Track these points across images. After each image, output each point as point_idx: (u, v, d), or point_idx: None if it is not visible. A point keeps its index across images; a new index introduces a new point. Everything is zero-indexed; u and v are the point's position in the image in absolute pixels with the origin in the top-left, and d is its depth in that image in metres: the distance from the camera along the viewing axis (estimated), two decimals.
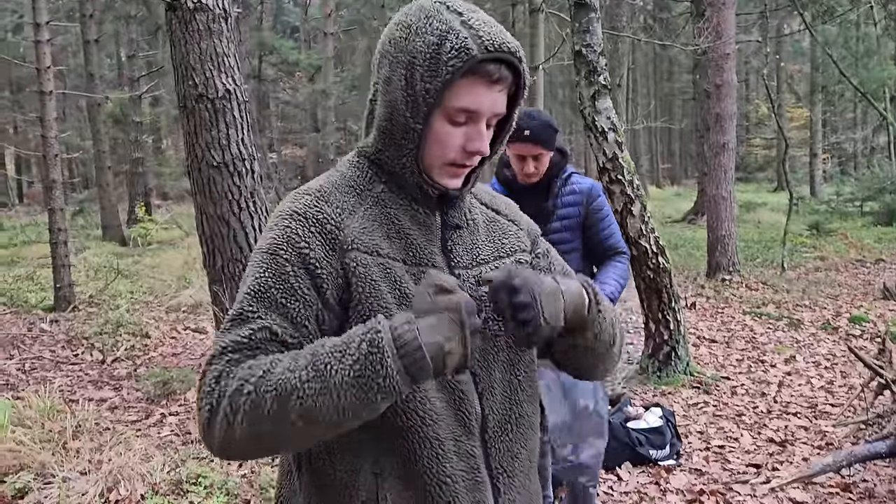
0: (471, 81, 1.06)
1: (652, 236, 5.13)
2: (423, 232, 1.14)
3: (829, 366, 5.67)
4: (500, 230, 1.25)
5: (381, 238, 1.10)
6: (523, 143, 2.68)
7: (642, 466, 3.85)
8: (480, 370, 1.13)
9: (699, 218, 15.66)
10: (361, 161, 1.17)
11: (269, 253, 1.06)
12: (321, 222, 1.08)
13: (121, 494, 3.45)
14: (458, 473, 1.08)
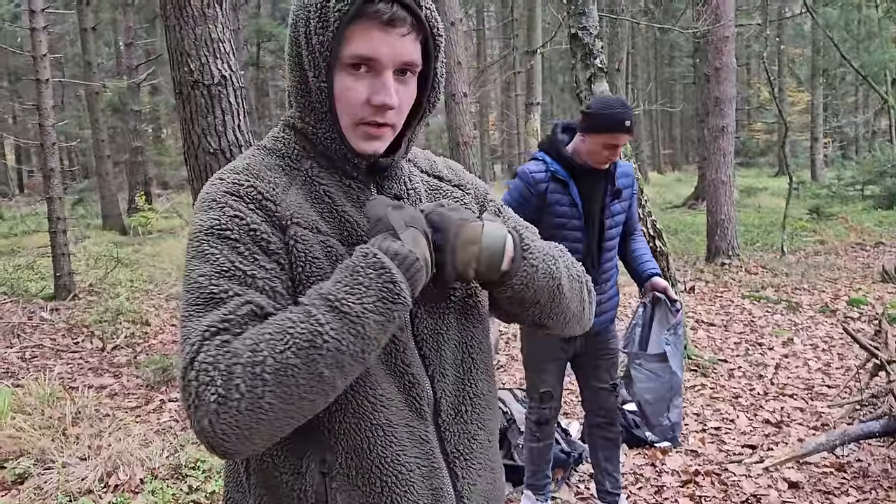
0: (363, 26, 0.99)
1: (649, 220, 5.12)
2: (358, 208, 1.06)
3: (826, 348, 5.69)
4: (445, 197, 1.18)
5: (317, 216, 1.04)
6: (623, 134, 2.69)
7: (638, 448, 3.87)
8: (430, 352, 1.08)
9: (699, 203, 15.63)
10: (287, 134, 1.10)
11: (216, 235, 0.98)
12: (257, 199, 1.01)
13: (120, 479, 3.48)
14: (413, 461, 1.03)
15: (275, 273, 0.99)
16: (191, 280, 0.97)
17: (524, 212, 2.60)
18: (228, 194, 1.01)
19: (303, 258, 1.00)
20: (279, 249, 1.00)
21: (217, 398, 0.86)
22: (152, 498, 3.28)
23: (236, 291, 0.95)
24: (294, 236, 1.01)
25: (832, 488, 3.34)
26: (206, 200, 1.02)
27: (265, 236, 0.99)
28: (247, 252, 0.98)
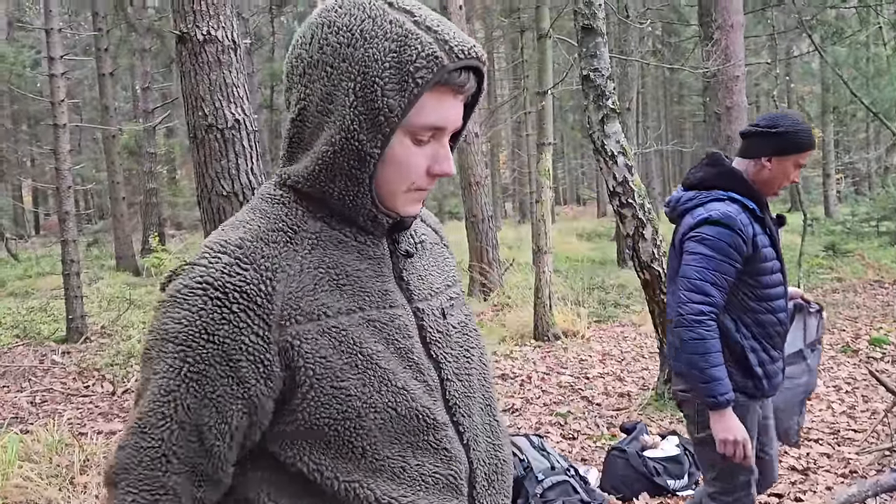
0: (438, 94, 0.91)
1: (665, 260, 5.06)
2: (373, 267, 0.97)
3: (850, 390, 5.54)
4: (441, 255, 1.12)
5: (327, 292, 0.91)
6: (810, 151, 2.39)
7: (660, 497, 3.75)
8: (463, 418, 1.00)
9: None
10: (287, 195, 0.96)
11: (179, 344, 0.86)
12: (246, 295, 0.86)
13: None
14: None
15: (229, 411, 0.88)
16: (145, 386, 0.91)
17: (729, 269, 2.27)
18: (209, 286, 0.86)
19: (310, 359, 0.88)
20: (257, 366, 0.87)
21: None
22: None
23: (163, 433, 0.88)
24: (296, 336, 0.88)
25: None
26: (179, 292, 0.88)
27: (238, 354, 0.86)
28: (207, 377, 0.87)
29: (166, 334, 0.88)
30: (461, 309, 1.08)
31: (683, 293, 2.30)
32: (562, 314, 8.21)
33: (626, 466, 3.84)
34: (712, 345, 2.26)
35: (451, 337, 1.03)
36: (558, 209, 32.55)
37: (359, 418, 0.91)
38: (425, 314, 1.00)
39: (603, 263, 14.06)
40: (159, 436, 0.88)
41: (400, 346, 0.95)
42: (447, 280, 1.09)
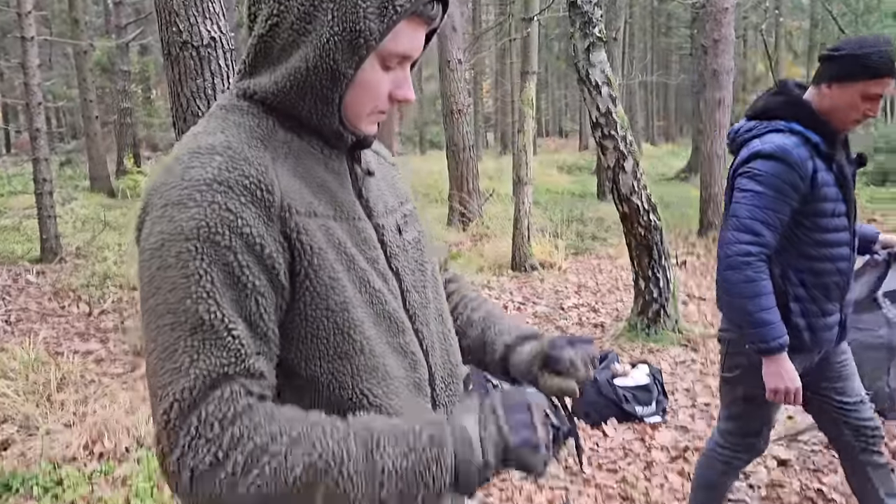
0: (413, 23, 0.95)
1: (644, 193, 5.07)
2: (339, 181, 1.00)
3: None
4: (390, 175, 1.16)
5: (310, 195, 0.94)
6: (890, 79, 2.08)
7: (628, 423, 3.87)
8: (422, 326, 1.05)
9: (692, 176, 15.60)
10: (254, 106, 0.97)
11: (201, 240, 0.83)
12: (249, 189, 0.87)
13: (105, 447, 3.45)
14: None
15: (262, 292, 0.87)
16: (170, 299, 0.83)
17: (783, 207, 2.09)
18: (216, 182, 0.85)
19: (308, 251, 0.90)
20: (274, 254, 0.87)
21: (212, 459, 0.80)
22: (137, 467, 3.25)
23: (234, 321, 0.84)
24: (297, 227, 0.90)
25: (821, 466, 3.34)
26: (182, 193, 0.85)
27: (260, 240, 0.87)
28: (236, 264, 0.85)
29: (180, 235, 0.84)
30: (414, 226, 1.13)
31: (731, 233, 2.14)
32: (540, 245, 8.26)
33: (597, 394, 3.94)
34: (762, 287, 2.10)
35: (408, 252, 1.07)
36: (540, 141, 32.32)
37: (354, 309, 0.93)
38: (385, 230, 1.04)
39: (583, 196, 14.09)
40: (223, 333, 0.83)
41: (368, 255, 0.99)
42: (399, 198, 1.13)
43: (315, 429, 0.84)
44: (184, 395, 0.81)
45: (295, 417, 0.85)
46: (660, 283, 5.23)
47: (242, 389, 0.83)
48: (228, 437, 0.81)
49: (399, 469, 0.84)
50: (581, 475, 3.37)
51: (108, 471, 3.26)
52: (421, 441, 0.85)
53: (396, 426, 0.87)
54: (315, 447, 0.82)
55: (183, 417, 0.81)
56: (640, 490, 3.21)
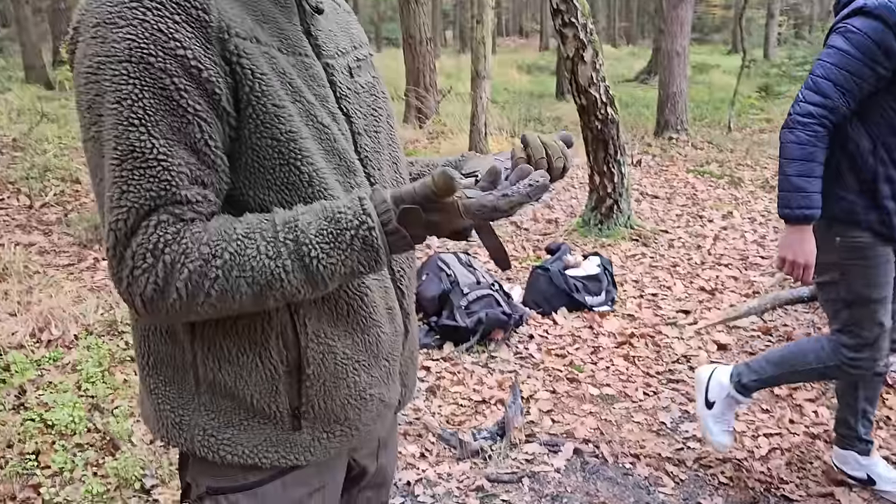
0: None
1: (602, 85, 5.01)
2: (286, 15, 0.94)
3: (763, 221, 5.84)
4: (344, 19, 1.11)
5: (253, 22, 0.89)
6: None
7: (578, 312, 3.96)
8: (374, 171, 1.02)
9: (652, 77, 15.49)
10: None
11: (133, 62, 0.78)
12: (182, 7, 0.81)
13: (52, 335, 3.39)
14: (373, 283, 1.00)
15: (204, 117, 0.82)
16: (104, 126, 0.80)
17: (866, 72, 1.91)
18: (145, 1, 0.79)
19: (250, 76, 0.85)
20: (214, 76, 0.82)
21: (154, 288, 0.81)
22: (87, 353, 3.22)
23: (167, 149, 0.80)
24: (237, 51, 0.84)
25: (757, 349, 3.50)
26: (112, 10, 0.79)
27: (197, 62, 0.81)
28: (173, 88, 0.80)
29: (114, 58, 0.79)
30: (369, 71, 1.09)
31: (801, 91, 2.01)
32: (497, 143, 8.19)
33: (548, 283, 4.01)
34: (810, 152, 1.96)
35: (360, 95, 1.04)
36: (500, 40, 31.51)
37: (302, 140, 0.89)
38: (335, 70, 1.00)
39: (541, 96, 13.90)
40: (154, 162, 0.80)
41: (316, 92, 0.95)
42: (353, 42, 1.08)
43: (248, 246, 0.82)
44: (118, 225, 0.80)
45: (225, 233, 0.82)
46: (614, 179, 5.25)
47: (171, 217, 0.81)
48: (161, 265, 0.80)
49: (337, 273, 0.85)
50: (529, 358, 3.46)
51: (56, 357, 3.23)
52: (353, 246, 0.84)
53: (324, 232, 0.84)
54: (253, 267, 0.82)
55: (121, 248, 0.81)
56: (586, 372, 3.33)
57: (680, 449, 2.72)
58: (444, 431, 2.78)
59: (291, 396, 0.96)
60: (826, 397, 3.03)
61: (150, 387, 1.00)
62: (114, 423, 2.70)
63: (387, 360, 1.04)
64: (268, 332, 0.93)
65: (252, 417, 0.96)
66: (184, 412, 0.97)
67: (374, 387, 1.03)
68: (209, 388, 0.95)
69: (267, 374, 0.94)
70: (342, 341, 0.97)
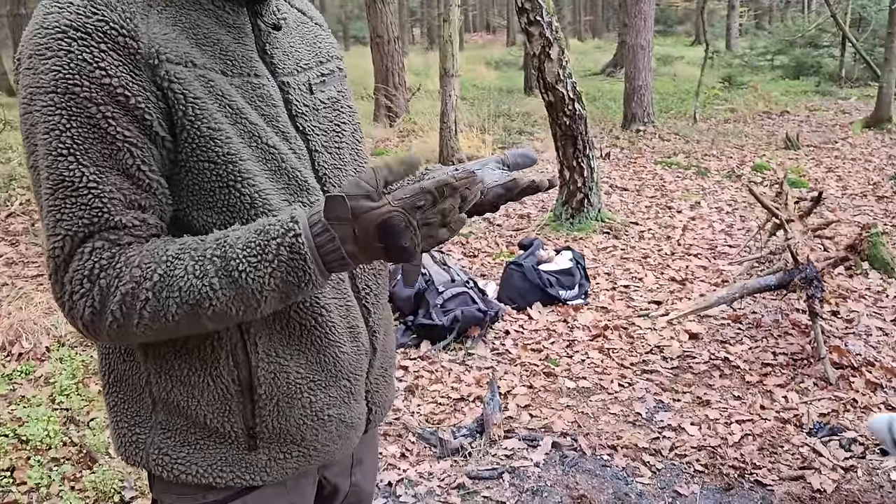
0: None
1: (569, 82, 5.06)
2: (235, 36, 0.93)
3: (730, 211, 5.95)
4: (312, 33, 1.08)
5: (190, 46, 0.87)
6: None
7: (552, 306, 4.01)
8: (333, 188, 1.00)
9: (618, 71, 15.63)
10: None
11: (59, 93, 0.80)
12: (110, 35, 0.81)
13: (24, 347, 3.35)
14: (330, 301, 0.98)
15: (135, 143, 0.83)
16: (38, 156, 0.82)
17: None
18: (70, 29, 0.80)
19: (182, 100, 0.84)
20: (143, 103, 0.82)
21: (91, 311, 0.82)
22: (60, 365, 3.18)
23: (97, 177, 0.81)
24: (167, 76, 0.84)
25: (728, 338, 3.57)
26: (41, 42, 0.81)
27: (124, 90, 0.81)
28: (101, 116, 0.81)
29: (41, 89, 0.81)
30: (335, 85, 1.07)
31: None
32: (467, 140, 8.21)
33: (522, 279, 4.05)
34: None
35: (319, 112, 1.02)
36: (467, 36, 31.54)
37: (242, 162, 0.88)
38: (291, 88, 0.99)
39: (510, 92, 13.96)
40: (84, 191, 0.81)
41: (264, 112, 0.93)
42: (319, 57, 1.07)
43: (176, 267, 0.82)
44: (55, 253, 0.83)
45: (155, 256, 0.83)
46: (584, 173, 5.31)
47: (106, 243, 0.82)
48: (97, 289, 0.82)
49: (267, 286, 0.83)
50: (506, 354, 3.50)
51: (28, 371, 3.19)
52: (279, 256, 0.81)
53: (251, 245, 0.82)
54: (181, 288, 0.81)
55: (61, 274, 0.83)
56: (562, 366, 3.37)
57: (656, 438, 2.77)
58: (423, 431, 2.80)
59: (245, 416, 0.95)
60: (795, 382, 3.11)
61: (111, 404, 1.00)
62: (90, 435, 2.68)
63: (347, 380, 1.02)
64: (218, 352, 0.92)
65: (207, 437, 0.96)
66: (140, 430, 0.98)
67: (333, 407, 1.01)
68: (164, 407, 0.96)
69: (219, 394, 0.94)
70: (295, 360, 0.96)
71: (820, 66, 14.94)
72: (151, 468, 0.98)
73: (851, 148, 8.40)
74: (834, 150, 8.31)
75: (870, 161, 7.73)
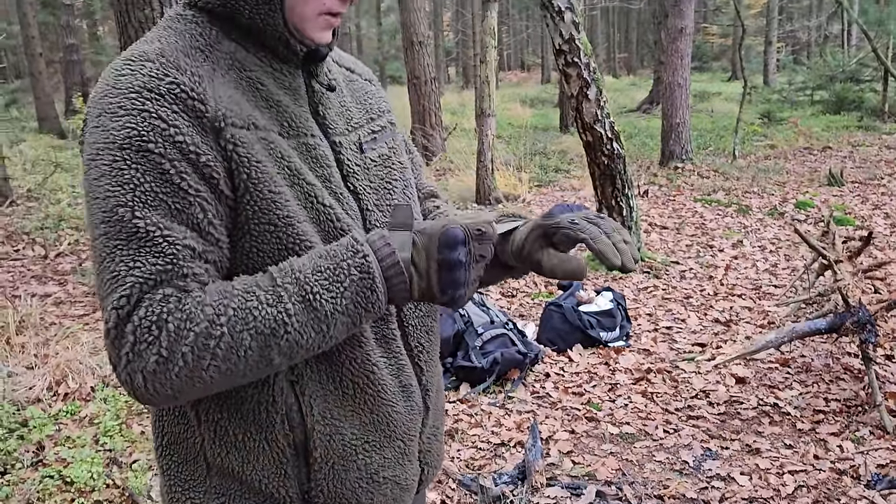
0: None
1: (607, 122, 5.06)
2: (292, 97, 0.96)
3: (773, 249, 5.83)
4: (362, 90, 1.11)
5: (252, 108, 0.91)
6: None
7: (593, 348, 3.95)
8: None
9: (654, 107, 15.61)
10: (199, 15, 0.94)
11: (134, 150, 0.82)
12: (180, 98, 0.84)
13: (70, 387, 3.40)
14: (381, 360, 0.98)
15: (205, 198, 0.85)
16: (105, 209, 0.82)
17: None
18: (145, 90, 0.83)
19: (245, 163, 0.87)
20: (211, 162, 0.85)
21: (158, 359, 0.80)
22: (104, 406, 3.22)
23: (169, 228, 0.83)
24: (232, 139, 0.87)
25: (777, 382, 3.47)
26: (112, 101, 0.84)
27: (195, 148, 0.84)
28: (174, 172, 0.83)
29: (113, 145, 0.83)
30: (385, 141, 1.08)
31: None
32: (504, 178, 8.24)
33: (562, 320, 4.00)
34: None
35: (370, 170, 1.03)
36: (502, 75, 31.87)
37: (300, 224, 0.90)
38: (343, 147, 1.00)
39: (546, 129, 14.02)
40: (159, 240, 0.82)
41: (319, 173, 0.95)
42: (370, 114, 1.08)
43: (249, 299, 0.83)
44: (121, 302, 0.81)
45: (225, 293, 0.83)
46: (623, 212, 5.27)
47: (175, 291, 0.82)
48: (165, 335, 0.80)
49: (339, 308, 0.85)
50: (546, 398, 3.44)
51: (74, 411, 3.23)
52: (350, 276, 0.85)
53: (321, 271, 0.85)
54: (255, 318, 0.82)
55: (122, 325, 0.81)
56: (605, 410, 3.30)
57: (704, 488, 2.68)
58: (464, 477, 2.75)
59: (301, 480, 0.95)
60: (850, 430, 2.99)
61: (164, 467, 1.00)
62: (132, 477, 2.70)
63: (401, 441, 1.02)
64: (273, 415, 0.92)
65: (262, 502, 0.96)
66: (194, 494, 0.97)
67: (388, 469, 1.01)
68: (219, 472, 0.96)
69: (274, 458, 0.94)
70: (350, 421, 0.96)
71: (862, 101, 14.70)
72: None
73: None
74: (880, 186, 8.13)
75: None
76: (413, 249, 0.88)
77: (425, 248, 0.87)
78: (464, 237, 0.87)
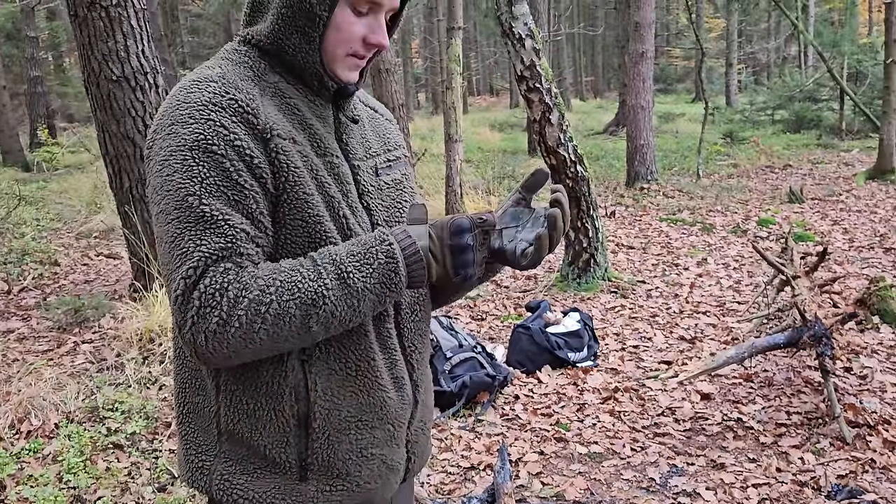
0: None
1: (570, 145, 5.15)
2: (321, 123, 1.15)
3: (737, 266, 5.95)
4: (381, 126, 1.30)
5: (291, 127, 1.10)
6: None
7: (561, 369, 3.99)
8: None
9: (620, 130, 15.88)
10: (251, 51, 1.14)
11: (201, 150, 1.01)
12: (238, 111, 1.04)
13: (33, 425, 3.35)
14: (379, 354, 1.14)
15: (257, 193, 1.03)
16: (177, 198, 1.00)
17: None
18: (210, 104, 1.03)
19: (286, 169, 1.05)
20: (262, 164, 1.04)
21: (218, 321, 0.96)
22: (68, 442, 3.17)
23: (229, 214, 1.00)
24: (276, 148, 1.05)
25: (740, 397, 3.53)
26: (184, 112, 1.03)
27: (250, 152, 1.03)
28: (233, 169, 1.01)
29: (184, 146, 1.01)
30: (399, 169, 1.27)
31: None
32: (473, 202, 8.31)
33: (530, 342, 4.04)
34: None
35: (383, 191, 1.21)
36: (471, 99, 32.19)
37: (326, 223, 1.08)
38: (360, 170, 1.18)
39: (514, 153, 14.18)
40: (222, 223, 0.99)
41: (340, 188, 1.13)
42: (387, 146, 1.27)
43: (294, 274, 1.00)
44: (188, 273, 0.97)
45: (274, 270, 1.01)
46: (589, 234, 5.34)
47: (233, 266, 0.99)
48: (226, 300, 0.97)
49: (368, 286, 1.03)
50: (516, 419, 3.46)
51: (36, 448, 3.18)
52: (378, 260, 1.03)
53: (355, 255, 1.03)
54: (300, 290, 0.99)
55: (189, 292, 0.97)
56: (573, 431, 3.33)
57: None
58: (434, 502, 2.76)
59: (300, 448, 1.10)
60: (811, 443, 3.06)
61: (182, 433, 1.17)
62: None
63: (391, 425, 1.17)
64: (283, 388, 1.08)
65: (265, 466, 1.11)
66: (206, 458, 1.13)
67: (376, 447, 1.16)
68: (229, 438, 1.11)
69: (279, 427, 1.09)
70: (348, 400, 1.11)
71: (820, 120, 15.12)
72: (213, 493, 1.13)
73: (856, 200, 8.44)
74: (839, 202, 8.35)
75: (875, 212, 7.75)
76: (429, 240, 1.06)
77: (438, 237, 1.06)
78: (469, 225, 1.05)
